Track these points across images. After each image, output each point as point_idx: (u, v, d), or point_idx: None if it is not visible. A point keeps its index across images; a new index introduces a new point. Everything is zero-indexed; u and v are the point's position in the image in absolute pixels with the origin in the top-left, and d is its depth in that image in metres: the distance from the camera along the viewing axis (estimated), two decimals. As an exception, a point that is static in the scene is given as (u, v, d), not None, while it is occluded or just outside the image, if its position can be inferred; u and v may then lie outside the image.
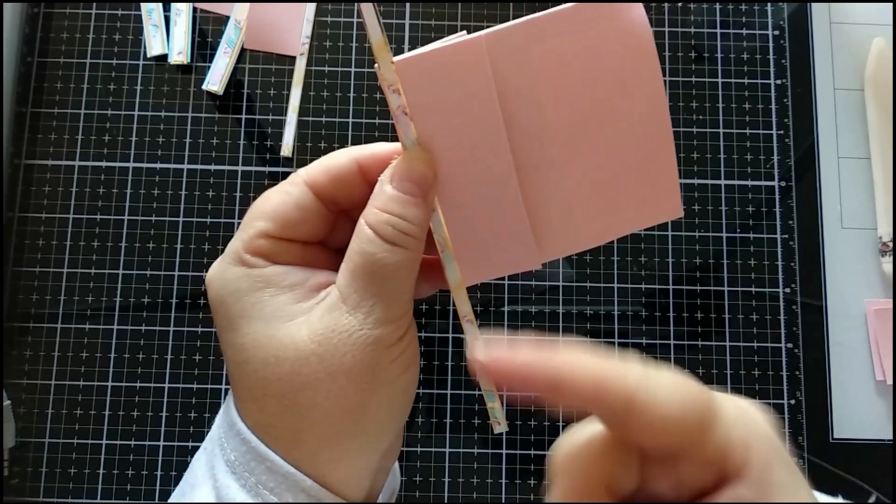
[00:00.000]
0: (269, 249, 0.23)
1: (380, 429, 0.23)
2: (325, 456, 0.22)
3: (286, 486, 0.22)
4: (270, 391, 0.22)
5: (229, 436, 0.23)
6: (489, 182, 0.25)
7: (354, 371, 0.21)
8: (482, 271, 0.26)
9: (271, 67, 0.42)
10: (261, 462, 0.22)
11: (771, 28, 0.43)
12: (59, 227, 0.40)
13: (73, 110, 0.41)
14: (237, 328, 0.22)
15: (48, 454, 0.38)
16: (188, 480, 0.24)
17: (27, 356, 0.39)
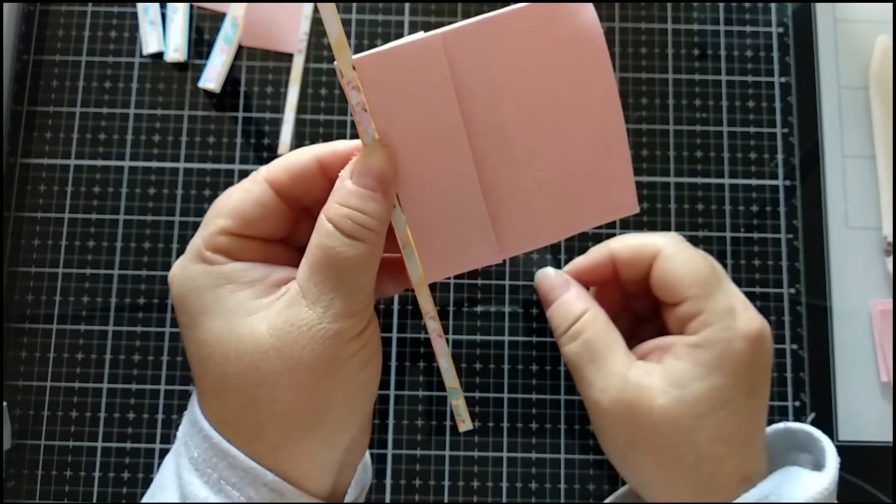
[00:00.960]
0: (230, 246, 0.23)
1: (341, 423, 0.23)
2: (286, 450, 0.22)
3: (248, 481, 0.22)
4: (231, 386, 0.22)
5: (192, 433, 0.23)
6: (449, 178, 0.26)
7: (313, 365, 0.22)
8: (444, 267, 0.26)
9: (269, 65, 0.41)
10: (223, 458, 0.22)
11: (775, 26, 0.42)
12: (55, 226, 0.40)
13: (69, 108, 0.41)
14: (198, 324, 0.23)
15: (44, 456, 0.38)
16: (158, 483, 0.25)
17: (23, 357, 0.39)
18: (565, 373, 0.38)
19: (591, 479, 0.38)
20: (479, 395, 0.38)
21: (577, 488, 0.38)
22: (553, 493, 0.38)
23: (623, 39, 0.42)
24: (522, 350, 0.39)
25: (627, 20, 0.42)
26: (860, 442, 0.38)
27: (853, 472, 0.38)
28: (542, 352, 0.39)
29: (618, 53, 0.41)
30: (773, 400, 0.38)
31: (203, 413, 0.23)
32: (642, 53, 0.41)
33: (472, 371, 0.38)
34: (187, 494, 0.22)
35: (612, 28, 0.42)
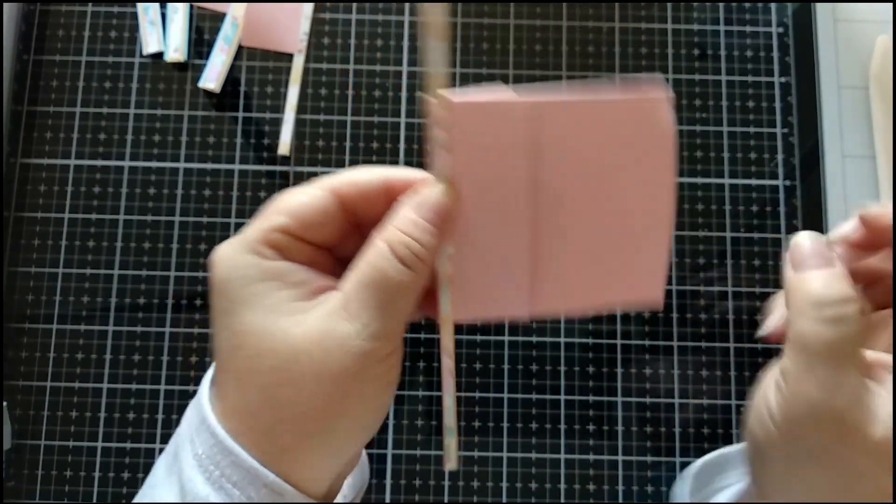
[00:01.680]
0: (283, 244, 0.24)
1: (351, 437, 0.24)
2: (293, 454, 0.23)
3: (249, 481, 0.22)
4: (256, 381, 0.23)
5: (200, 430, 0.23)
6: (502, 231, 0.27)
7: (340, 378, 0.22)
8: (473, 311, 0.27)
9: (269, 65, 0.41)
10: (226, 455, 0.22)
11: (775, 25, 0.42)
12: (55, 226, 0.40)
13: (69, 108, 0.41)
14: (236, 313, 0.23)
15: (44, 456, 0.38)
16: (149, 483, 0.25)
17: (23, 357, 0.39)
18: (565, 373, 0.38)
19: (591, 479, 0.38)
20: (479, 396, 0.38)
21: (577, 488, 0.38)
22: (553, 493, 0.38)
23: (623, 39, 0.42)
24: (522, 350, 0.39)
25: (627, 20, 0.42)
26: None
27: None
28: (542, 352, 0.39)
29: (618, 53, 0.41)
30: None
31: (213, 403, 0.24)
32: (642, 53, 0.41)
33: (472, 371, 0.38)
34: (188, 491, 0.23)
35: (612, 28, 0.42)
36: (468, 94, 0.26)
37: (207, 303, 0.39)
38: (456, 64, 0.41)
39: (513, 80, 0.41)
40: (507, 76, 0.41)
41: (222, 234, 0.40)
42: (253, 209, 0.40)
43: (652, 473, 0.38)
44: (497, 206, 0.27)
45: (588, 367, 0.38)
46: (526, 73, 0.41)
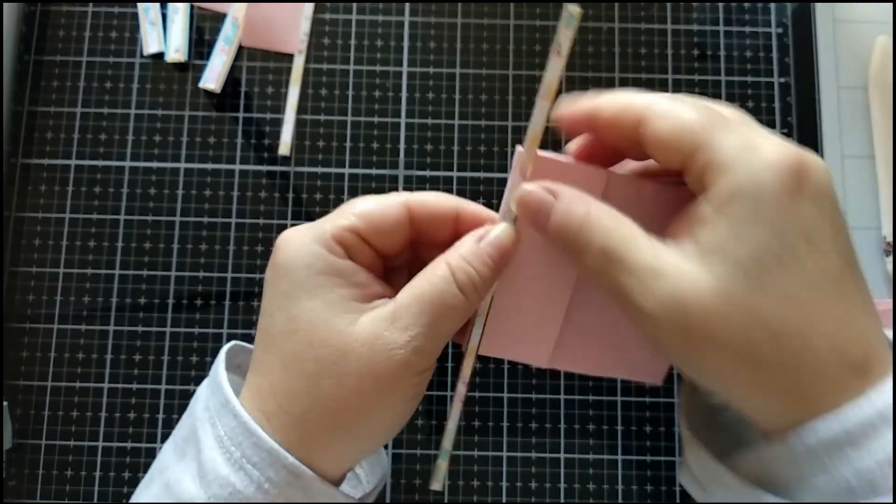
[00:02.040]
0: (351, 244, 0.25)
1: (372, 438, 0.25)
2: (317, 442, 0.24)
3: (269, 462, 0.23)
4: (301, 367, 0.24)
5: (222, 413, 0.24)
6: (547, 286, 0.28)
7: (380, 381, 0.24)
8: (499, 348, 0.29)
9: (269, 65, 0.41)
10: (248, 437, 0.24)
11: (774, 26, 0.42)
12: (56, 226, 0.40)
13: (70, 109, 0.41)
14: (298, 299, 0.25)
15: (45, 456, 0.38)
16: (157, 466, 0.26)
17: (24, 357, 0.39)
18: (565, 373, 0.39)
19: (591, 479, 0.38)
20: (479, 395, 0.38)
21: (576, 487, 0.38)
22: (553, 492, 0.38)
23: (623, 40, 0.42)
24: (522, 350, 0.39)
25: (627, 21, 0.42)
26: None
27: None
28: (542, 351, 0.39)
29: (618, 54, 0.42)
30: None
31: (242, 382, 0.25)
32: (642, 54, 0.42)
33: (472, 371, 0.39)
34: (208, 471, 0.24)
35: (611, 28, 0.42)
36: (554, 154, 0.27)
37: (207, 303, 0.39)
38: (456, 65, 0.41)
39: (512, 81, 0.41)
40: (506, 76, 0.41)
41: (223, 234, 0.40)
42: (253, 209, 0.40)
43: (651, 473, 0.38)
44: (549, 260, 0.28)
45: (588, 367, 0.38)
46: (526, 74, 0.41)
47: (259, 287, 0.39)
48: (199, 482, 0.24)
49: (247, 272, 0.39)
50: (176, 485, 0.24)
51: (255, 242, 0.40)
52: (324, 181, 0.40)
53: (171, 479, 0.25)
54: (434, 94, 0.41)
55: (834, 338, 0.22)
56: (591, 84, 0.41)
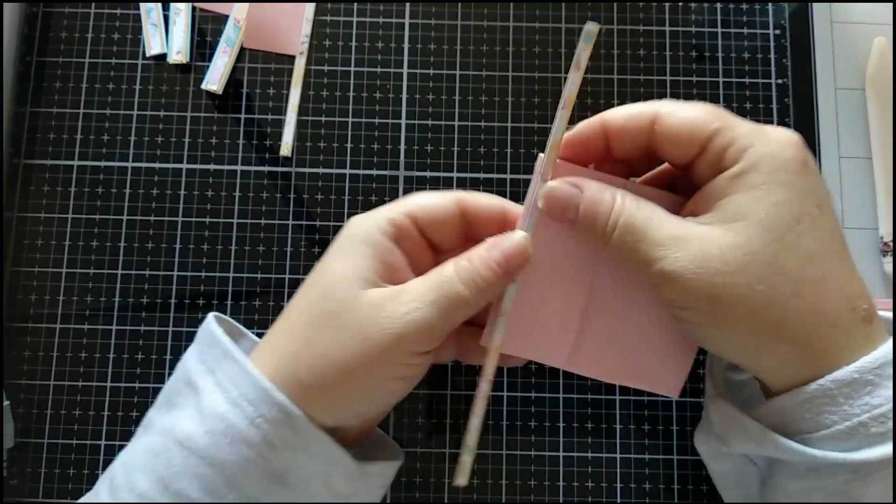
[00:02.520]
0: (405, 230, 0.28)
1: (359, 403, 0.28)
2: (310, 389, 0.26)
3: (263, 399, 0.26)
4: (309, 313, 0.27)
5: (222, 362, 0.27)
6: (565, 287, 0.30)
7: (374, 345, 0.26)
8: (519, 348, 0.30)
9: (270, 67, 0.42)
10: (246, 377, 0.26)
11: (772, 27, 0.43)
12: (58, 226, 0.40)
13: (72, 110, 0.41)
14: (331, 259, 0.28)
15: (47, 455, 0.38)
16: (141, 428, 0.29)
17: (26, 356, 0.39)
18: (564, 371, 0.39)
19: (590, 477, 0.38)
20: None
21: (575, 486, 0.38)
22: (552, 490, 0.38)
23: (621, 41, 0.42)
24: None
25: (626, 22, 0.42)
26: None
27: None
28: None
29: (616, 55, 0.42)
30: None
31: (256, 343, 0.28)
32: (640, 55, 0.42)
33: (472, 369, 0.39)
34: (206, 409, 0.26)
35: (610, 30, 0.42)
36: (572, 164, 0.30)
37: (210, 302, 0.39)
38: (456, 66, 0.42)
39: (512, 82, 0.42)
40: (506, 78, 0.42)
41: (224, 235, 0.40)
42: (255, 209, 0.40)
43: (650, 471, 0.38)
44: (567, 265, 0.30)
45: (587, 366, 0.39)
46: (525, 76, 0.42)
47: (260, 287, 0.40)
48: (198, 420, 0.26)
49: (248, 272, 0.40)
50: (172, 428, 0.26)
51: (257, 242, 0.40)
52: (325, 182, 0.41)
53: (163, 425, 0.27)
54: (434, 96, 0.41)
55: (844, 290, 0.24)
56: (590, 85, 0.41)
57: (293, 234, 0.40)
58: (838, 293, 0.24)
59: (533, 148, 0.41)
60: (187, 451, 0.25)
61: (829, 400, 0.24)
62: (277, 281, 0.40)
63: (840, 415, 0.24)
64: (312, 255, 0.40)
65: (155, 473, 0.26)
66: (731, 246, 0.24)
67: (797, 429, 0.25)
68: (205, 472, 0.25)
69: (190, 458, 0.25)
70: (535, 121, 0.41)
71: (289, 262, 0.40)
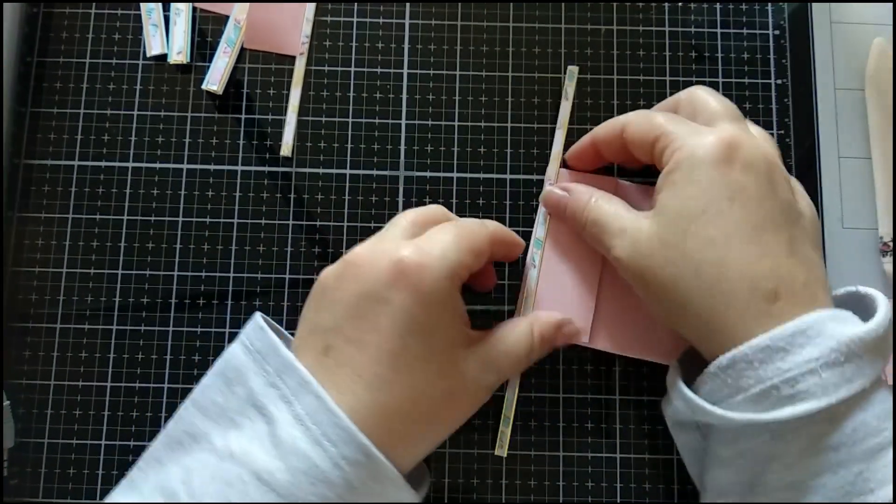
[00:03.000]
0: (463, 279, 0.30)
1: (434, 444, 0.30)
2: (401, 428, 0.27)
3: (345, 440, 0.25)
4: (429, 395, 0.29)
5: (299, 392, 0.26)
6: (580, 270, 0.37)
7: (473, 410, 0.32)
8: None
9: (271, 67, 0.42)
10: (329, 416, 0.26)
11: (771, 28, 0.43)
12: (59, 226, 0.40)
13: (73, 110, 0.41)
14: (434, 332, 0.29)
15: (47, 454, 0.38)
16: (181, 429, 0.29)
17: (26, 356, 0.39)
18: (564, 371, 0.39)
19: (590, 477, 0.38)
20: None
21: (575, 485, 0.38)
22: (552, 490, 0.38)
23: (621, 41, 0.42)
24: (522, 349, 0.39)
25: (625, 23, 0.42)
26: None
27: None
28: (542, 351, 0.39)
29: (615, 55, 0.42)
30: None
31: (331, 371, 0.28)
32: (640, 56, 0.42)
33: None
34: (285, 445, 0.25)
35: (610, 31, 0.42)
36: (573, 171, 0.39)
37: (210, 302, 0.39)
38: (456, 67, 0.42)
39: (512, 83, 0.42)
40: (506, 78, 0.42)
41: (225, 234, 0.40)
42: (255, 209, 0.40)
43: (650, 471, 0.38)
44: (580, 251, 0.36)
45: (587, 366, 0.39)
46: (525, 76, 0.42)
47: (260, 287, 0.40)
48: (275, 453, 0.25)
49: (248, 272, 0.40)
50: (244, 456, 0.25)
51: (257, 242, 0.40)
52: (325, 182, 0.41)
53: (230, 448, 0.26)
54: (434, 96, 0.41)
55: (745, 272, 0.27)
56: (590, 86, 0.41)
57: (293, 234, 0.40)
58: (738, 274, 0.27)
59: (533, 148, 0.41)
60: (266, 488, 0.25)
61: (745, 365, 0.27)
62: (277, 281, 0.40)
63: (755, 378, 0.27)
64: (312, 255, 0.40)
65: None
66: (651, 235, 0.29)
67: (721, 395, 0.28)
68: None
69: (269, 495, 0.25)
70: (535, 121, 0.41)
71: (289, 262, 0.40)
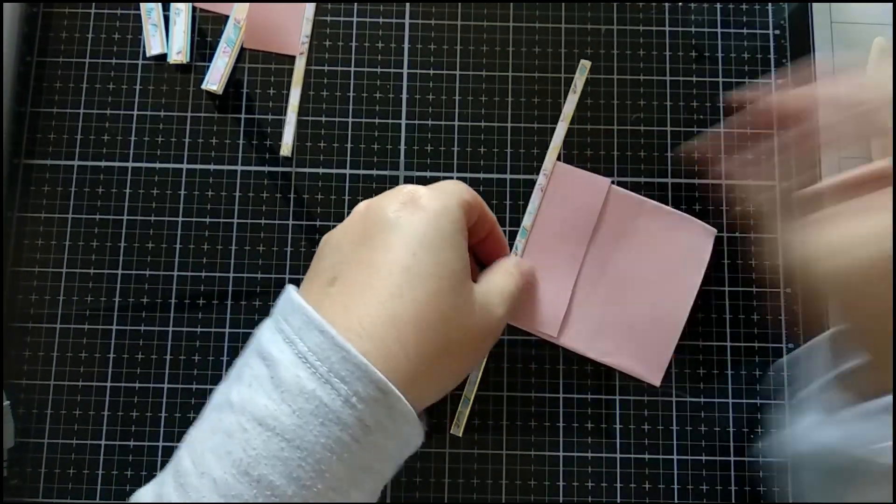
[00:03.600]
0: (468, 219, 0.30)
1: (446, 387, 0.29)
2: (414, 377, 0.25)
3: (357, 375, 0.23)
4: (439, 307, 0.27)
5: (304, 330, 0.25)
6: (560, 262, 0.38)
7: (486, 341, 0.30)
8: (519, 318, 0.38)
9: (271, 67, 0.42)
10: (337, 351, 0.24)
11: (772, 28, 0.43)
12: (59, 226, 0.40)
13: (73, 110, 0.41)
14: (444, 247, 0.28)
15: (47, 455, 0.38)
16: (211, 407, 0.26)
17: (26, 356, 0.39)
18: (564, 371, 0.39)
19: (590, 477, 0.38)
20: (478, 394, 0.39)
21: (575, 485, 0.38)
22: (552, 490, 0.38)
23: (621, 41, 0.42)
24: (521, 349, 0.39)
25: (626, 23, 0.42)
26: (856, 440, 0.39)
27: (849, 469, 0.38)
28: (542, 350, 0.39)
29: (616, 55, 0.42)
30: (769, 398, 0.39)
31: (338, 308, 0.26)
32: (640, 55, 0.42)
33: (472, 370, 0.39)
34: (290, 386, 0.23)
35: (610, 30, 0.42)
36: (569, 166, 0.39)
37: (209, 302, 0.39)
38: (456, 66, 0.42)
39: (512, 82, 0.42)
40: (506, 78, 0.42)
41: (225, 234, 0.40)
42: (255, 209, 0.40)
43: (650, 471, 0.38)
44: (562, 245, 0.37)
45: (587, 366, 0.39)
46: (525, 76, 0.42)
47: (260, 287, 0.40)
48: (279, 397, 0.23)
49: (248, 272, 0.40)
50: (246, 404, 0.23)
51: (257, 242, 0.40)
52: (325, 182, 0.41)
53: (232, 400, 0.24)
54: (434, 96, 0.41)
55: None
56: (590, 86, 0.41)
57: (293, 234, 0.40)
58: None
59: (533, 148, 0.41)
60: (270, 433, 0.22)
61: None
62: (277, 281, 0.40)
63: None
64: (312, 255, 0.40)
65: (231, 457, 0.23)
66: None
67: None
68: (290, 456, 0.22)
69: (273, 440, 0.22)
70: (535, 121, 0.41)
71: (289, 262, 0.40)
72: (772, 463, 0.38)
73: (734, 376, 0.39)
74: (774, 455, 0.38)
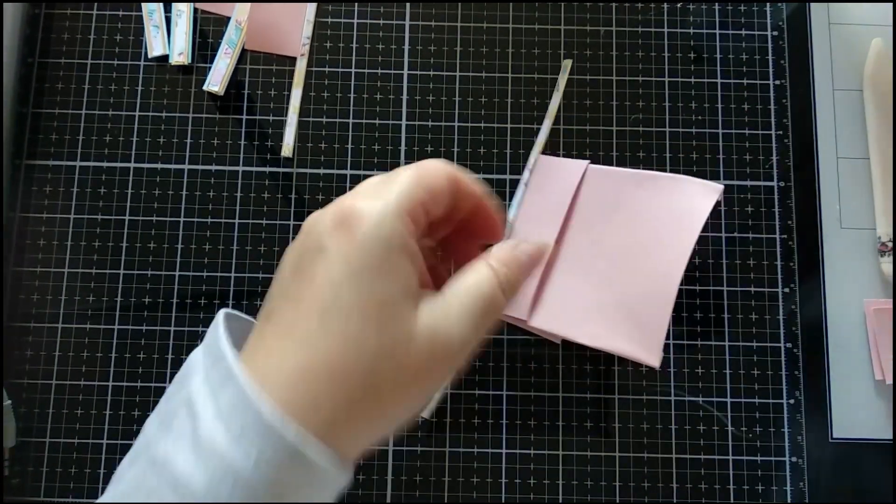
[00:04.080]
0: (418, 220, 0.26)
1: (399, 423, 0.26)
2: (351, 425, 0.24)
3: (267, 437, 0.22)
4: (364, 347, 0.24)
5: (225, 384, 0.23)
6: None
7: (434, 372, 0.25)
8: None
9: (272, 68, 0.42)
10: (249, 408, 0.22)
11: (770, 29, 0.43)
12: (60, 227, 0.40)
13: (74, 111, 0.41)
14: (371, 276, 0.25)
15: (49, 454, 0.38)
16: (141, 441, 0.24)
17: (28, 356, 0.39)
18: (564, 371, 0.39)
19: (589, 475, 0.38)
20: (478, 393, 0.39)
21: (574, 484, 0.38)
22: (551, 488, 0.38)
23: (620, 43, 0.42)
24: (521, 348, 0.39)
25: (625, 24, 0.42)
26: (855, 439, 0.39)
27: (848, 469, 0.38)
28: (541, 350, 0.39)
29: (615, 56, 0.42)
30: (768, 398, 0.39)
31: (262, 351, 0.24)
32: (639, 56, 0.42)
33: (472, 369, 0.39)
34: (207, 445, 0.22)
35: (609, 31, 0.42)
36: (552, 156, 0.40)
37: (211, 302, 0.40)
38: (456, 67, 0.42)
39: (511, 83, 0.42)
40: (506, 79, 0.42)
41: (226, 235, 0.40)
42: (256, 210, 0.40)
43: (648, 470, 0.38)
44: (537, 233, 0.36)
45: (586, 366, 0.39)
46: (525, 77, 0.42)
47: (261, 287, 0.40)
48: (194, 457, 0.22)
49: (249, 272, 0.40)
50: (166, 462, 0.22)
51: (258, 243, 0.40)
52: (326, 182, 0.41)
53: (157, 453, 0.23)
54: (434, 97, 0.42)
55: None
56: (589, 87, 0.42)
57: (294, 235, 0.40)
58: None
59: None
60: (180, 497, 0.22)
61: None
62: (278, 281, 0.40)
63: None
64: (313, 255, 0.40)
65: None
66: None
67: None
68: None
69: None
70: (535, 121, 0.41)
71: (290, 262, 0.40)
72: (771, 463, 0.38)
73: (733, 376, 0.39)
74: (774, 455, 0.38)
